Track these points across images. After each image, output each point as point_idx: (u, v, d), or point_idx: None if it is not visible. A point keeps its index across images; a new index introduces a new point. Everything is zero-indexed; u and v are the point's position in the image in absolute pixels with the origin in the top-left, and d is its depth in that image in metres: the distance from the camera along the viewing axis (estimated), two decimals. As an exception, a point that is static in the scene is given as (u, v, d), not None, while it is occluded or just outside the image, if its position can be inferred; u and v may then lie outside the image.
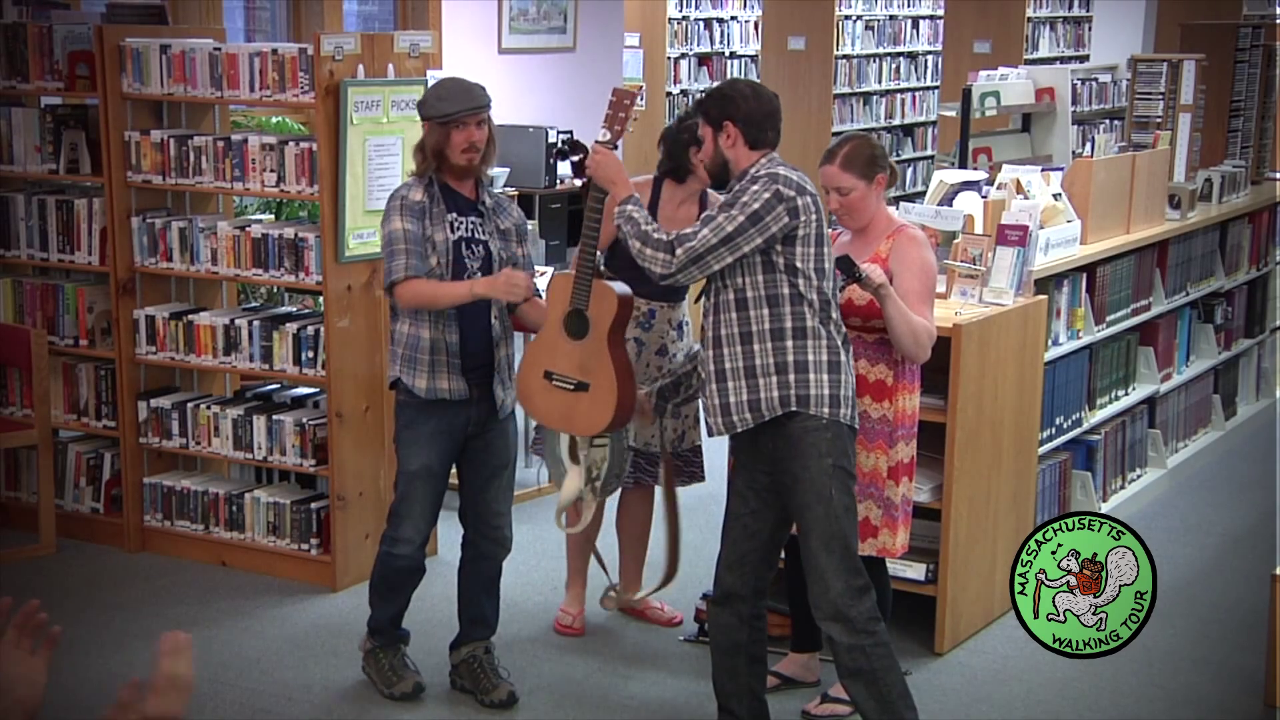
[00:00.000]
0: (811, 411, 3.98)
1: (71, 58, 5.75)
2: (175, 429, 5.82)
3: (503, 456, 4.66)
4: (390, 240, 4.42)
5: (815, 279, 4.00)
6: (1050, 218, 5.67)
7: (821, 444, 3.98)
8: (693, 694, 4.78)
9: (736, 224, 3.93)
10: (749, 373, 4.00)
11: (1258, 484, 7.01)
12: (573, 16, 11.55)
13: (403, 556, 4.62)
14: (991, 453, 5.13)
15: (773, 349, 3.98)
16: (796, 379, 3.98)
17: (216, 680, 4.82)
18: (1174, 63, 7.87)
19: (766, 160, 4.05)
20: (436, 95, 4.53)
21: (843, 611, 4.00)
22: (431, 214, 4.44)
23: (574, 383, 4.37)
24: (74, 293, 5.93)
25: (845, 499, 4.03)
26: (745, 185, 3.99)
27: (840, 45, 14.16)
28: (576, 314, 4.34)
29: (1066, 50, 14.11)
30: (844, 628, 4.01)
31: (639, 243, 4.02)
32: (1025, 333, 5.31)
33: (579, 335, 4.35)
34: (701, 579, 5.50)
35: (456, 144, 4.43)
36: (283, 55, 5.42)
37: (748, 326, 4.00)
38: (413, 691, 4.70)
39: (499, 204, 4.63)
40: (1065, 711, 4.74)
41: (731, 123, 4.06)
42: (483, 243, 4.51)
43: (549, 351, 4.42)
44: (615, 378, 4.33)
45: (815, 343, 3.99)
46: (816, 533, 4.00)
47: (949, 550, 4.96)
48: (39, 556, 5.84)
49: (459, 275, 4.45)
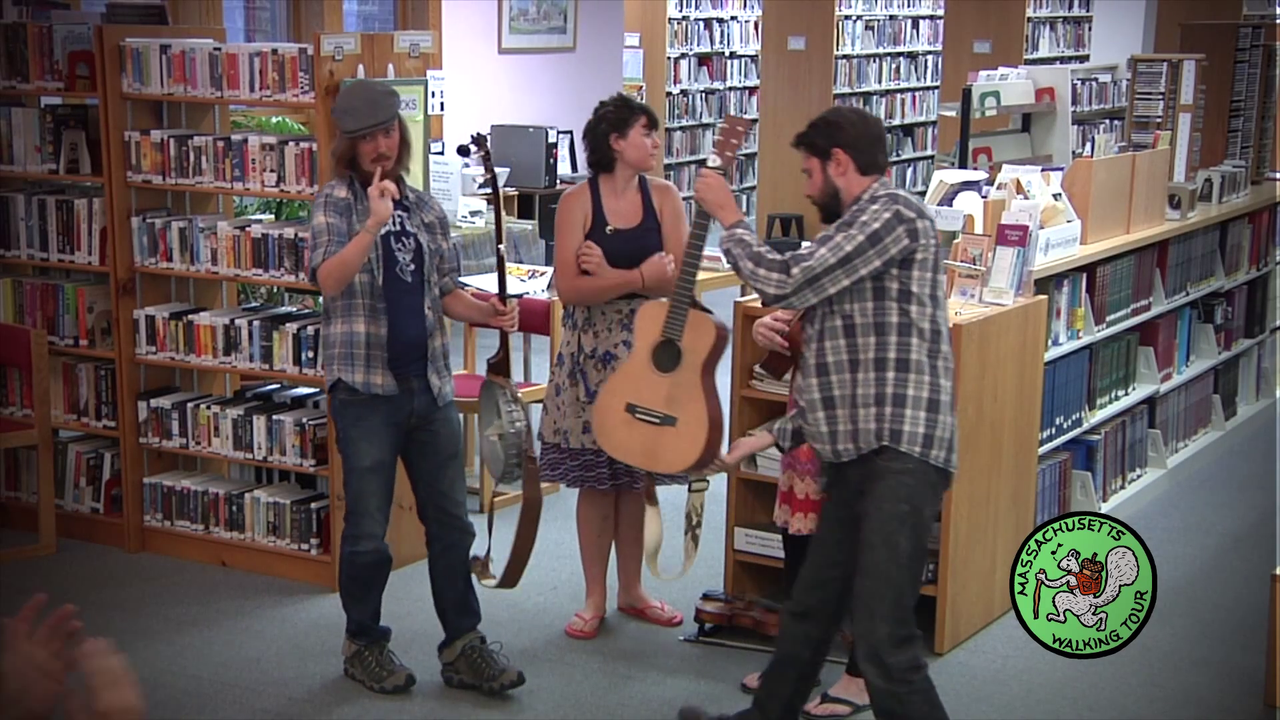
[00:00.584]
0: (902, 449, 3.85)
1: (71, 58, 5.75)
2: (175, 429, 5.82)
3: (451, 445, 4.71)
4: (315, 233, 4.50)
5: (930, 306, 3.87)
6: (1050, 218, 5.66)
7: (901, 488, 3.85)
8: (693, 694, 4.78)
9: (855, 244, 3.78)
10: (852, 401, 3.89)
11: (1258, 484, 7.01)
12: (573, 16, 11.55)
13: (367, 553, 4.65)
14: (991, 453, 5.13)
15: (874, 379, 3.86)
16: (892, 413, 3.85)
17: (216, 680, 4.82)
18: (1174, 63, 7.87)
19: (880, 187, 3.94)
20: (343, 107, 4.59)
21: (881, 657, 3.88)
22: (357, 211, 4.52)
23: (660, 416, 4.23)
24: (74, 293, 5.93)
25: (912, 547, 3.87)
26: (864, 205, 3.87)
27: (840, 45, 14.16)
28: (669, 345, 4.21)
29: (1066, 50, 14.11)
30: (880, 672, 3.90)
31: (751, 264, 3.87)
32: (1025, 333, 5.31)
33: (669, 367, 4.21)
34: (702, 579, 5.50)
35: (365, 154, 4.51)
36: (283, 55, 5.42)
37: (855, 354, 3.88)
38: (404, 684, 4.72)
39: (420, 199, 4.74)
40: (1065, 711, 4.74)
41: (841, 150, 3.93)
42: (412, 235, 4.61)
43: (633, 383, 4.29)
44: (706, 413, 4.17)
45: (917, 377, 3.86)
46: (873, 574, 3.87)
47: (949, 550, 4.96)
48: (39, 556, 5.84)
49: (391, 267, 4.54)
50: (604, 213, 4.90)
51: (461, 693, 4.76)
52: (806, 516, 4.58)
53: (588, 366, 4.92)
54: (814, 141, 4.00)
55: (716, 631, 5.18)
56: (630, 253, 4.87)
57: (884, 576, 3.86)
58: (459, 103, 10.39)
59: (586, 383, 4.91)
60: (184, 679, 4.82)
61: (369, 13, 10.94)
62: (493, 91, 10.96)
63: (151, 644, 5.08)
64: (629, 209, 4.91)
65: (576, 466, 5.00)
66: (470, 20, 10.70)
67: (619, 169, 4.89)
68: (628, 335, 4.84)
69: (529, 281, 7.61)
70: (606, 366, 4.87)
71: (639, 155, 4.85)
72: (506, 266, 4.87)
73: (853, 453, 3.90)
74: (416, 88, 5.57)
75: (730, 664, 4.98)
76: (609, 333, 4.91)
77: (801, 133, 4.06)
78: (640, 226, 4.92)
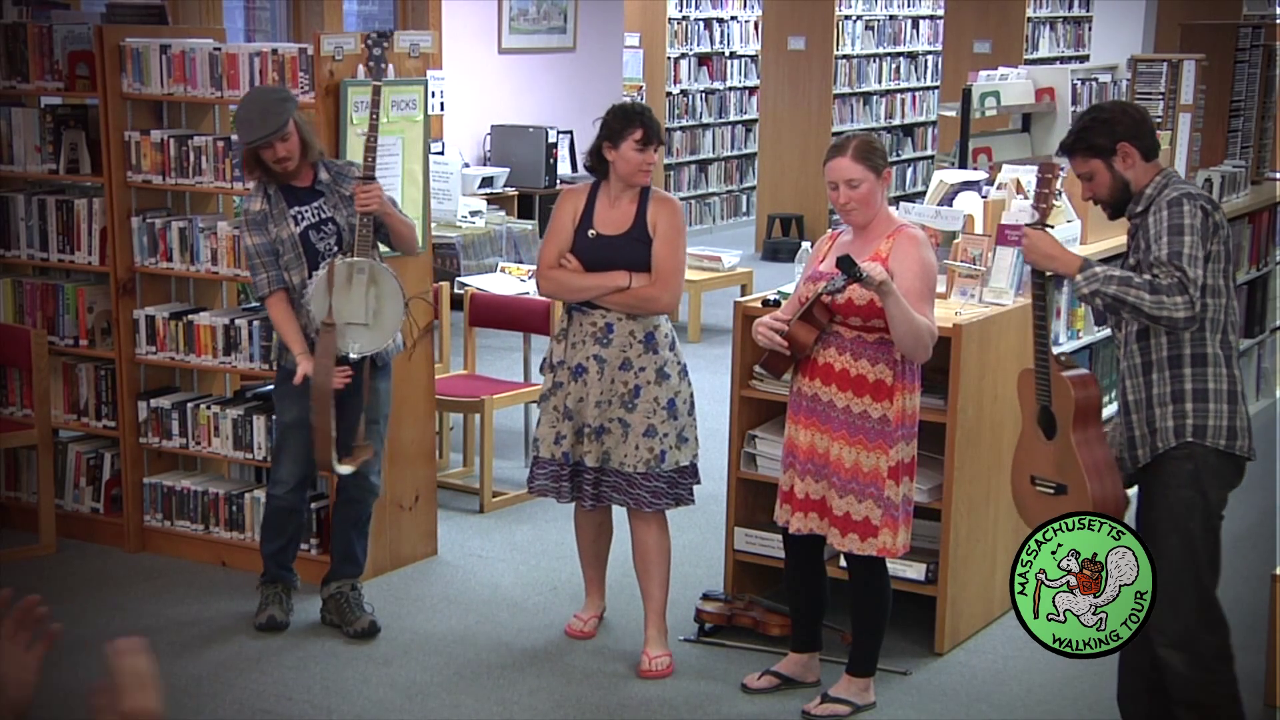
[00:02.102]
0: (1208, 443, 3.88)
1: (71, 58, 5.75)
2: (175, 429, 5.82)
3: (374, 410, 5.09)
4: (247, 256, 5.02)
5: (1224, 296, 3.88)
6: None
7: (1185, 475, 3.88)
8: (693, 694, 4.78)
9: (1194, 243, 3.77)
10: (1148, 404, 3.91)
11: (1258, 484, 6.98)
12: (573, 16, 11.55)
13: (279, 497, 5.18)
14: (991, 453, 5.13)
15: (1170, 377, 3.88)
16: (1194, 408, 3.87)
17: (216, 680, 4.82)
18: (1174, 63, 7.86)
19: (1162, 176, 3.94)
20: (240, 118, 4.93)
21: (1190, 645, 3.88)
22: (273, 216, 4.95)
23: (1053, 486, 4.12)
24: (74, 293, 5.93)
25: (1204, 532, 3.91)
26: (1174, 208, 3.82)
27: (840, 45, 14.16)
28: (1045, 411, 4.11)
29: (1066, 50, 14.11)
30: (1187, 659, 3.88)
31: (1147, 295, 3.73)
32: (1025, 333, 5.29)
33: (1051, 434, 4.11)
34: (702, 579, 5.50)
35: (267, 158, 4.88)
36: (283, 55, 5.42)
37: (1148, 356, 3.91)
38: (266, 624, 5.19)
39: (338, 173, 5.04)
40: (1065, 711, 4.74)
41: (1126, 142, 3.91)
42: (329, 218, 4.99)
43: (1029, 454, 4.20)
44: (1086, 478, 4.03)
45: (1215, 370, 3.88)
46: (1171, 564, 3.86)
47: (949, 550, 4.96)
48: (39, 556, 5.84)
49: (312, 260, 4.94)
50: (592, 216, 4.83)
51: (463, 692, 4.77)
52: (806, 516, 4.58)
53: (562, 376, 4.86)
54: (1095, 142, 3.94)
55: (716, 631, 5.18)
56: (608, 260, 4.78)
57: (1182, 564, 3.88)
58: (459, 103, 10.39)
59: (560, 393, 4.86)
60: (184, 679, 4.82)
61: (369, 13, 10.95)
62: (493, 91, 10.96)
63: (152, 644, 5.07)
64: (619, 217, 4.81)
65: (544, 475, 4.90)
66: (470, 20, 10.70)
67: (612, 178, 4.82)
68: (599, 349, 4.78)
69: (529, 281, 7.61)
70: (577, 379, 4.80)
71: (627, 169, 4.75)
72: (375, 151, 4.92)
73: (1149, 456, 3.93)
74: (416, 88, 5.57)
75: (730, 664, 4.98)
76: (582, 345, 4.81)
77: (1075, 137, 3.99)
78: (625, 235, 4.79)
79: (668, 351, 4.83)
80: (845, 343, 4.43)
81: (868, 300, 4.34)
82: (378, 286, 4.90)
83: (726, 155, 15.06)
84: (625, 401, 4.78)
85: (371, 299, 4.90)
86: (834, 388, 4.46)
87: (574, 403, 4.82)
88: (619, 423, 4.78)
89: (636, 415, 4.77)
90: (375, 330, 4.93)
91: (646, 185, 4.83)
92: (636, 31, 13.89)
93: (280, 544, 5.25)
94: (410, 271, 5.69)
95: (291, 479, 5.14)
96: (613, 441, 4.79)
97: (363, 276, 4.88)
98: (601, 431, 4.80)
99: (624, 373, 4.79)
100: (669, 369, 4.81)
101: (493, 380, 6.89)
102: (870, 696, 4.66)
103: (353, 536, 5.24)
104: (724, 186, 15.10)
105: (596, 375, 4.78)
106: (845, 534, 4.49)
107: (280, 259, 4.96)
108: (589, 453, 4.82)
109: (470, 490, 6.64)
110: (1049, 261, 3.93)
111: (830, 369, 4.46)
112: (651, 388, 4.78)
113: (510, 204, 10.44)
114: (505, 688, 4.81)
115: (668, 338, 4.85)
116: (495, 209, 9.74)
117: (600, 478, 4.84)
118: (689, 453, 4.88)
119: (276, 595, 5.26)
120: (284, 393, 5.08)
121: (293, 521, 5.25)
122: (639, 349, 4.80)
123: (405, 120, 5.48)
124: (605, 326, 4.79)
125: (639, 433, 4.77)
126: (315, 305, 4.88)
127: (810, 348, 4.46)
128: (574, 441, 4.84)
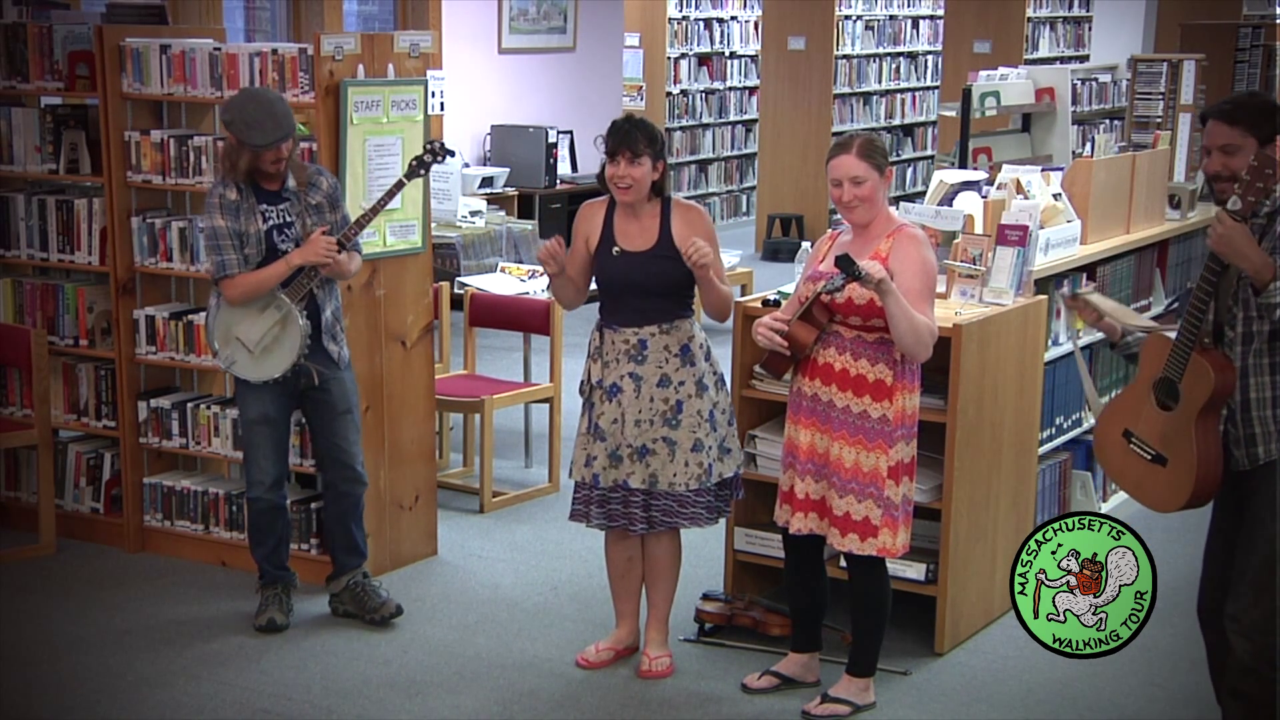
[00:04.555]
0: None
1: (71, 58, 5.75)
2: (175, 429, 5.82)
3: (344, 402, 5.16)
4: (213, 235, 4.96)
5: None
6: (1050, 218, 5.66)
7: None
8: (693, 694, 4.78)
9: None
10: (1273, 403, 3.86)
11: None
12: (573, 16, 11.55)
13: (259, 498, 5.16)
14: (991, 453, 5.13)
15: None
16: None
17: (216, 680, 4.82)
18: (1174, 63, 7.87)
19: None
20: (245, 121, 4.86)
21: (1261, 634, 3.84)
22: (243, 209, 4.96)
23: (1152, 453, 4.09)
24: (74, 293, 5.93)
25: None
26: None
27: (840, 45, 14.16)
28: (1168, 382, 4.05)
29: (1066, 50, 14.11)
30: (1253, 649, 3.85)
31: None
32: (1025, 333, 5.31)
33: (1168, 405, 4.06)
34: (702, 579, 5.50)
35: (267, 160, 4.92)
36: (283, 55, 5.42)
37: (1275, 356, 3.86)
38: (266, 626, 5.17)
39: (308, 181, 5.06)
40: (1065, 711, 4.74)
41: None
42: (292, 223, 5.02)
43: (1133, 411, 4.14)
44: (1196, 462, 4.01)
45: None
46: (1261, 551, 3.84)
47: (949, 550, 4.96)
48: (39, 556, 5.84)
49: (272, 260, 4.97)
50: (614, 233, 4.74)
51: (463, 693, 4.77)
52: (806, 516, 4.58)
53: (595, 398, 4.76)
54: (1261, 123, 3.79)
55: (716, 631, 5.18)
56: (638, 277, 4.67)
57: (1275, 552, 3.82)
58: (459, 103, 10.39)
59: (592, 414, 4.76)
60: (184, 679, 4.82)
61: (369, 13, 10.95)
62: (493, 91, 10.96)
63: (152, 644, 5.08)
64: (641, 232, 4.70)
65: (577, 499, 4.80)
66: (470, 20, 10.70)
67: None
68: (634, 367, 4.67)
69: (529, 281, 7.62)
70: (611, 399, 4.71)
71: (612, 185, 4.68)
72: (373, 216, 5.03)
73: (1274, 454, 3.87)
74: (416, 88, 5.57)
75: (730, 664, 4.98)
76: (615, 363, 4.71)
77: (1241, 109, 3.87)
78: (650, 253, 4.68)
79: (704, 363, 4.73)
80: (845, 342, 4.44)
81: (867, 299, 4.34)
82: (282, 330, 4.98)
83: (726, 155, 15.06)
84: (668, 419, 4.66)
85: (269, 338, 4.99)
86: (834, 387, 4.46)
87: (607, 424, 4.70)
88: (664, 441, 4.66)
89: (682, 432, 4.66)
90: (255, 362, 5.02)
91: (621, 199, 4.69)
92: (636, 31, 13.90)
93: (271, 545, 5.24)
94: (410, 271, 5.70)
95: (268, 476, 5.14)
96: (659, 463, 4.66)
97: (277, 314, 4.98)
98: (645, 452, 4.66)
99: (663, 389, 4.67)
100: (706, 380, 4.71)
101: (493, 380, 6.89)
102: (870, 696, 4.66)
103: (351, 528, 5.27)
104: (724, 186, 15.11)
105: (633, 394, 4.68)
106: (845, 534, 4.49)
107: (243, 250, 4.97)
108: (632, 473, 4.67)
109: (470, 490, 6.64)
110: (1241, 259, 3.73)
111: (830, 369, 4.46)
112: (693, 401, 4.67)
113: (510, 204, 10.44)
114: (505, 688, 4.81)
115: (703, 348, 4.73)
116: (495, 209, 9.74)
117: (649, 500, 4.72)
118: (732, 464, 4.81)
119: (276, 597, 5.25)
120: (244, 390, 5.11)
121: (279, 520, 5.24)
122: (675, 363, 4.68)
123: (405, 120, 5.48)
124: (639, 343, 4.67)
125: (686, 449, 4.66)
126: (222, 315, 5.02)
127: (810, 347, 4.46)
128: (606, 464, 4.71)
